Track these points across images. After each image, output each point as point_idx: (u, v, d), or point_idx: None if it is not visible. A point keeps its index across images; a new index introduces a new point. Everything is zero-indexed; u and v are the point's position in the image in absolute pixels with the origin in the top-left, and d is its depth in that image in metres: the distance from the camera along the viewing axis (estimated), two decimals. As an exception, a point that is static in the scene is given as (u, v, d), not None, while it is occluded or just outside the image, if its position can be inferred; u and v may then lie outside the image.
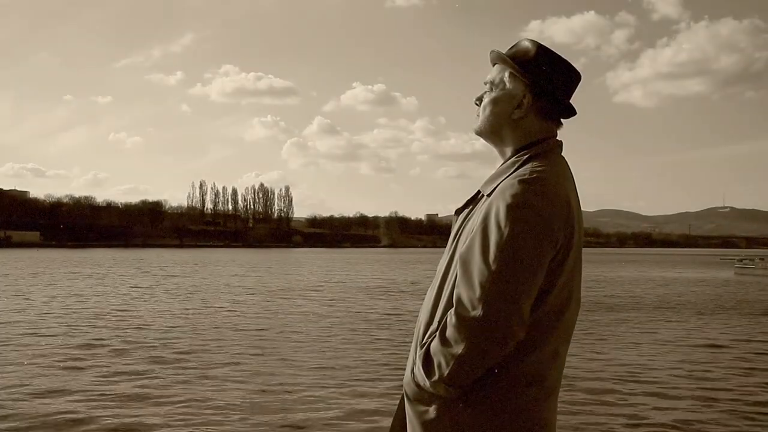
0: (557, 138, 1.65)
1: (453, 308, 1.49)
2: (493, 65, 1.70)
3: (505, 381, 1.51)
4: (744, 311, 16.72)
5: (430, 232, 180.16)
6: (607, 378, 7.90)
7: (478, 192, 1.66)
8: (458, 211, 1.71)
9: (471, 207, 1.66)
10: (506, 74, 1.64)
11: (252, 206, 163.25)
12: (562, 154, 1.65)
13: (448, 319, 1.49)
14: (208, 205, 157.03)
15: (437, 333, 1.53)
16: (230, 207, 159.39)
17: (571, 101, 1.65)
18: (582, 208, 1.65)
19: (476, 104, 1.71)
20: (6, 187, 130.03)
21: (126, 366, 8.30)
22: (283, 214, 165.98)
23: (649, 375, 8.15)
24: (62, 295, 18.87)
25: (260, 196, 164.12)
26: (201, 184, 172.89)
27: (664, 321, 14.19)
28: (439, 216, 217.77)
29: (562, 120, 1.66)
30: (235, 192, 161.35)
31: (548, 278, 1.49)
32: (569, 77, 1.64)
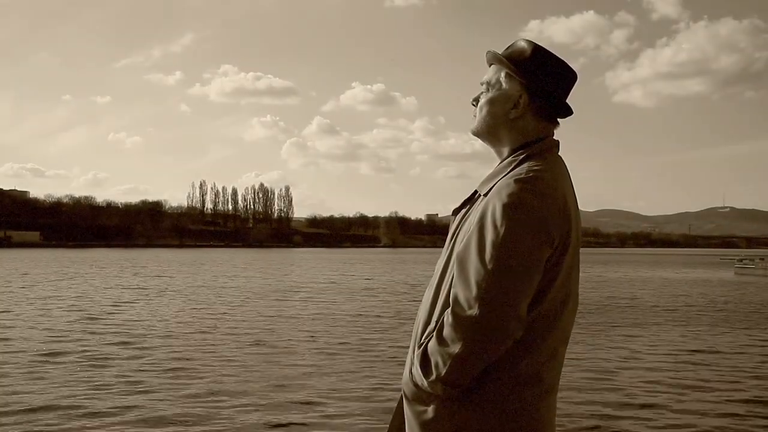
0: (554, 138, 1.65)
1: (450, 308, 1.49)
2: (490, 65, 1.70)
3: (503, 380, 1.51)
4: (744, 313, 16.67)
5: (430, 232, 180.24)
6: (602, 380, 7.88)
7: (475, 192, 1.66)
8: (455, 211, 1.71)
9: (468, 207, 1.66)
10: (502, 74, 1.64)
11: (252, 206, 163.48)
12: (560, 153, 1.65)
13: (445, 319, 1.50)
14: (208, 205, 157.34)
15: (434, 332, 1.53)
16: (230, 207, 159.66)
17: (568, 101, 1.65)
18: (582, 208, 1.65)
19: (473, 105, 1.71)
20: (6, 187, 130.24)
21: (114, 370, 8.27)
22: (283, 214, 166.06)
23: (644, 379, 8.12)
24: (52, 296, 18.85)
25: (260, 196, 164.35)
26: (201, 184, 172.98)
27: (662, 323, 14.16)
28: (439, 216, 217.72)
29: (559, 120, 1.66)
30: (235, 192, 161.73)
31: (545, 277, 1.50)
32: (565, 77, 1.64)
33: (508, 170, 1.57)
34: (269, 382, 7.36)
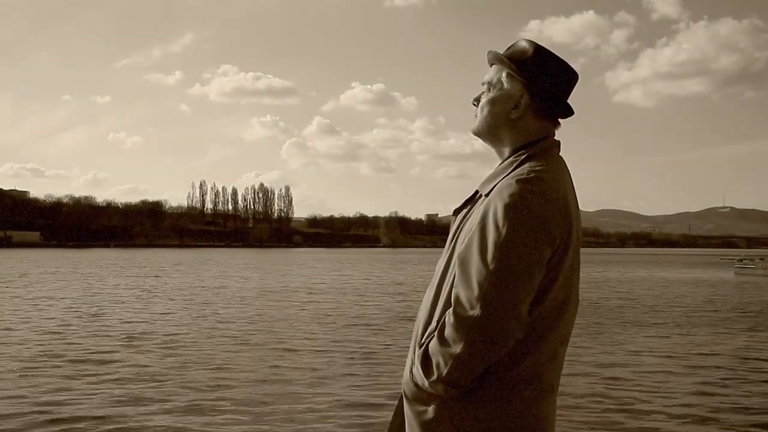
0: (555, 138, 1.66)
1: (451, 308, 1.49)
2: (491, 65, 1.70)
3: (504, 381, 1.51)
4: (743, 313, 16.65)
5: (430, 232, 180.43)
6: (600, 381, 7.86)
7: (476, 192, 1.66)
8: (456, 211, 1.71)
9: (469, 207, 1.66)
10: (504, 74, 1.64)
11: (252, 206, 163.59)
12: (560, 153, 1.66)
13: (446, 319, 1.50)
14: (208, 205, 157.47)
15: (436, 332, 1.53)
16: (230, 207, 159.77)
17: (569, 101, 1.66)
18: (582, 208, 1.65)
19: (474, 105, 1.71)
20: (6, 187, 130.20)
21: (111, 370, 8.26)
22: (283, 214, 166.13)
23: (642, 380, 8.10)
24: (50, 296, 18.85)
25: (260, 196, 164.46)
26: (201, 184, 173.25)
27: (661, 323, 14.14)
28: (439, 216, 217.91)
29: (559, 120, 1.67)
30: (235, 192, 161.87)
31: (546, 278, 1.50)
32: (567, 77, 1.64)
33: (510, 170, 1.57)
34: (267, 383, 7.36)
